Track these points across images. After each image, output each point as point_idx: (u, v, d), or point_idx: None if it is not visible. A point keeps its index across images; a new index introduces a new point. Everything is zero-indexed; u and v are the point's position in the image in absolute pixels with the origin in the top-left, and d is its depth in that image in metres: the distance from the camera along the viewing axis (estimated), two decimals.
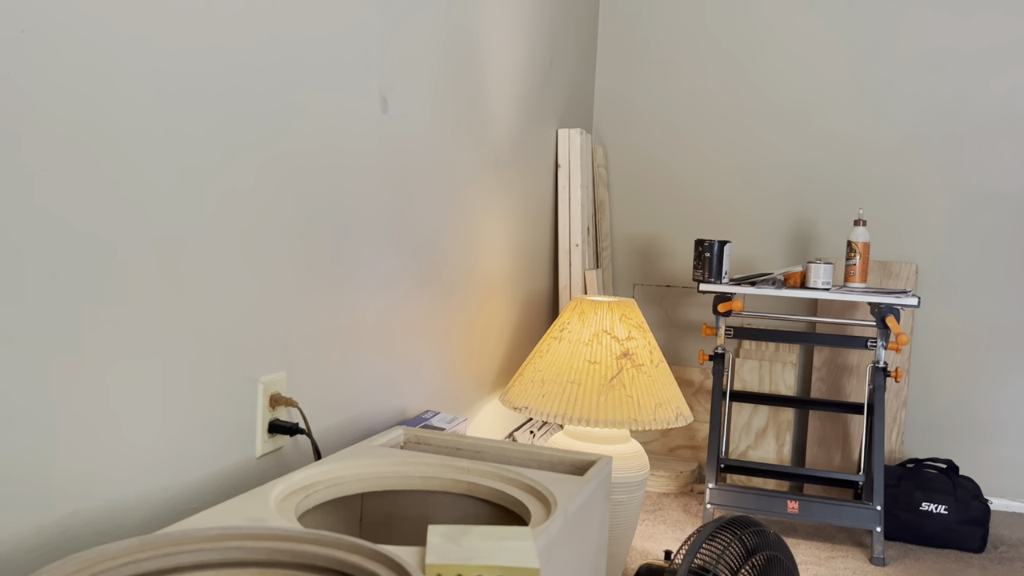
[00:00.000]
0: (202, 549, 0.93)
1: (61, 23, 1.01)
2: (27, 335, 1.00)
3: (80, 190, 1.06)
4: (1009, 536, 2.72)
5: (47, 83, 1.00)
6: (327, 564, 0.94)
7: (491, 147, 2.38)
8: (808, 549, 2.50)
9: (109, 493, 1.13)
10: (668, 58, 3.31)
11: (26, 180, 0.99)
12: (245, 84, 1.34)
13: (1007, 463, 3.00)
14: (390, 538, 1.41)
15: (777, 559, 1.48)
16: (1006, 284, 3.00)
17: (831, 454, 3.03)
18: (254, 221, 1.38)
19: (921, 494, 2.58)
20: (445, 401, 2.18)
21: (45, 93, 1.00)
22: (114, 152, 1.10)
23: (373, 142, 1.74)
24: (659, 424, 2.07)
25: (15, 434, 1.00)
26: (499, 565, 0.94)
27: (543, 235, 2.87)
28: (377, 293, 1.80)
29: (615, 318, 2.17)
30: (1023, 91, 2.96)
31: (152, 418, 1.20)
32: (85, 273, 1.08)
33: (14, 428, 1.00)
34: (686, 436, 3.21)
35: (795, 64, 3.18)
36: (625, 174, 3.38)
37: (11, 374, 0.99)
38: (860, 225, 2.68)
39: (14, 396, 0.99)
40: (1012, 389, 2.99)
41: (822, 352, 3.07)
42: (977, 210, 3.02)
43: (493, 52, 2.34)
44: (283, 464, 1.50)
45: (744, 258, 3.26)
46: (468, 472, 1.35)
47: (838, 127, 3.14)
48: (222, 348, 1.33)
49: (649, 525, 2.62)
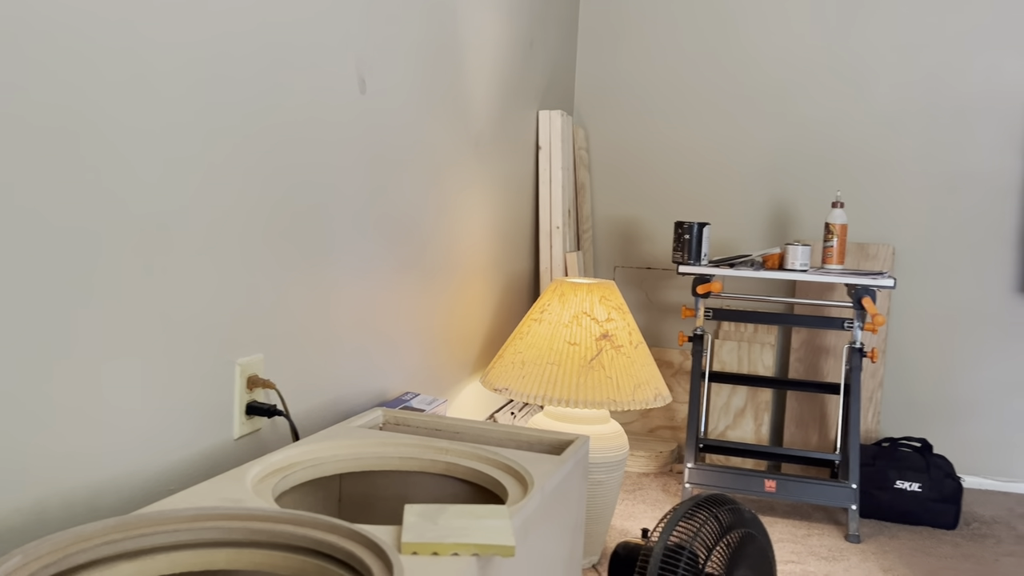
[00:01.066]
0: (178, 530, 0.94)
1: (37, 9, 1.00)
2: (2, 319, 1.00)
3: (58, 174, 1.05)
4: (981, 513, 2.77)
5: (25, 67, 0.99)
6: (304, 543, 0.95)
7: (471, 128, 2.38)
8: (785, 527, 2.54)
9: (85, 475, 1.13)
10: (649, 41, 3.31)
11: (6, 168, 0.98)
12: (224, 65, 1.33)
13: (980, 442, 3.05)
14: (368, 518, 1.42)
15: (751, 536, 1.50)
16: (981, 265, 3.04)
17: (808, 434, 3.06)
18: (232, 204, 1.38)
19: (896, 472, 2.62)
20: (425, 383, 2.19)
21: (22, 79, 0.99)
22: (94, 137, 1.09)
23: (352, 123, 1.74)
24: (638, 405, 2.09)
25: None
26: (474, 543, 0.95)
27: (524, 217, 2.87)
28: (357, 275, 1.80)
29: (595, 300, 2.19)
30: (999, 73, 2.99)
31: (129, 400, 1.19)
32: (60, 257, 1.07)
33: None
34: (666, 417, 3.24)
35: (775, 47, 3.19)
36: (606, 156, 3.39)
37: None
38: (838, 207, 2.70)
39: None
40: (985, 369, 3.04)
41: (800, 333, 3.10)
42: (953, 192, 3.05)
43: (473, 33, 2.33)
44: (261, 446, 1.51)
45: (723, 240, 3.28)
46: (446, 452, 1.36)
47: (817, 110, 3.16)
48: (199, 330, 1.32)
49: (629, 504, 2.65)
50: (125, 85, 1.15)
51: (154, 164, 1.21)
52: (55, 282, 1.07)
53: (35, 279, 1.04)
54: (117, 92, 1.14)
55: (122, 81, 1.14)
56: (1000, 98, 2.99)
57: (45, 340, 1.06)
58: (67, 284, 1.08)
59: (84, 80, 1.09)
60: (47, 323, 1.06)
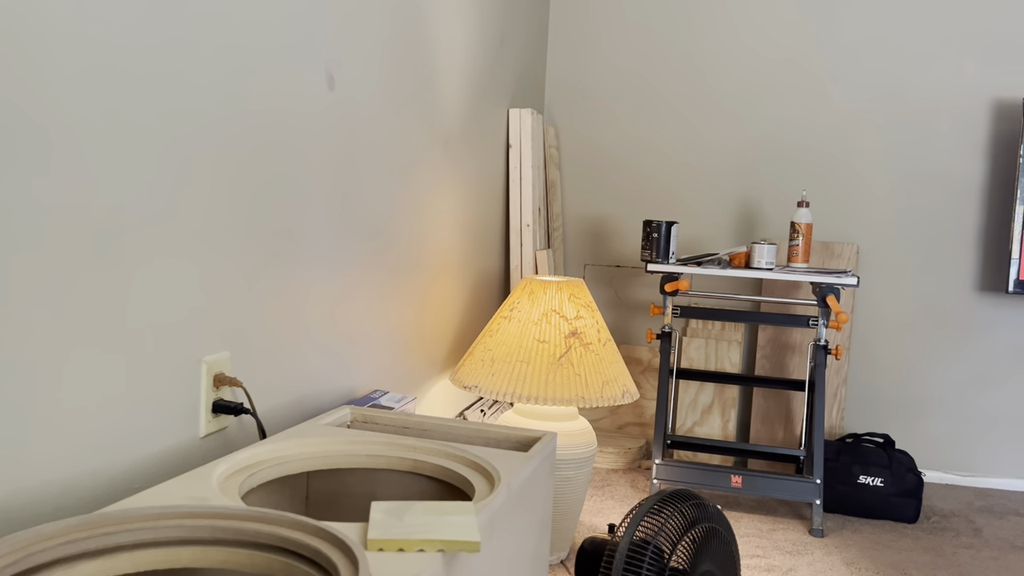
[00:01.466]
0: (142, 528, 0.93)
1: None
2: None
3: (19, 169, 1.04)
4: (941, 507, 2.83)
5: None
6: (270, 541, 0.95)
7: (441, 126, 2.38)
8: (751, 522, 2.58)
9: (48, 474, 1.12)
10: (619, 40, 3.33)
11: None
12: (190, 61, 1.32)
13: (940, 437, 3.12)
14: (336, 516, 1.42)
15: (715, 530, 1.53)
16: (943, 264, 3.10)
17: (774, 430, 3.11)
18: (198, 200, 1.37)
19: (859, 468, 2.67)
20: (395, 381, 2.19)
21: None
22: (54, 128, 1.08)
23: (320, 119, 1.73)
24: (606, 401, 2.11)
25: None
26: (440, 539, 0.96)
27: (494, 215, 2.88)
28: (325, 272, 1.80)
29: (564, 298, 2.20)
30: (960, 76, 3.05)
31: (92, 398, 1.18)
32: (16, 252, 1.06)
33: None
34: (634, 413, 3.26)
35: (742, 47, 3.22)
36: (576, 155, 3.40)
37: None
38: (803, 207, 2.74)
39: None
40: (946, 366, 3.10)
41: (766, 331, 3.14)
42: (916, 192, 3.11)
43: (443, 30, 2.33)
44: (228, 444, 1.50)
45: (691, 238, 3.31)
46: (414, 450, 1.36)
47: (783, 110, 3.20)
48: (164, 328, 1.31)
49: (597, 500, 2.67)
50: (83, 75, 1.14)
51: (115, 158, 1.20)
52: (14, 278, 1.06)
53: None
54: (74, 82, 1.13)
55: (80, 71, 1.13)
56: (961, 101, 3.05)
57: (7, 337, 1.05)
58: (21, 280, 1.07)
59: (39, 69, 1.07)
60: (8, 320, 1.05)
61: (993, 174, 3.05)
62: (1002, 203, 3.04)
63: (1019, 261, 2.87)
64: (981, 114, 3.04)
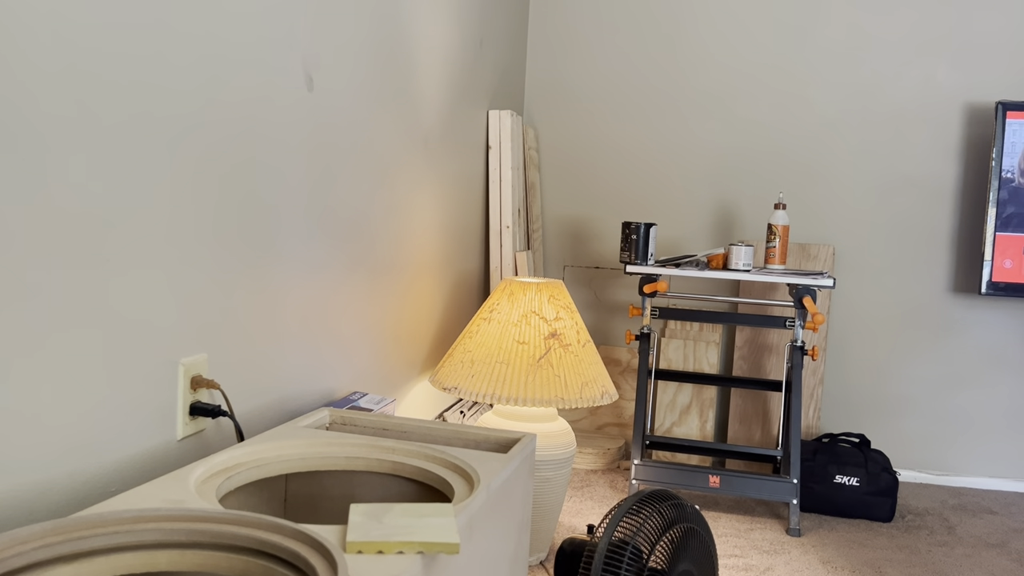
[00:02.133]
0: (118, 532, 0.93)
1: None
2: None
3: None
4: (916, 506, 2.87)
5: None
6: (247, 544, 0.94)
7: (420, 128, 2.38)
8: (729, 522, 2.60)
9: (21, 478, 1.11)
10: (598, 41, 3.35)
11: None
12: (162, 61, 1.31)
13: (915, 437, 3.15)
14: (315, 518, 1.42)
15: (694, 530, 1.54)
16: (917, 266, 3.14)
17: (752, 430, 3.13)
18: (173, 200, 1.36)
19: (835, 467, 2.70)
20: (374, 382, 2.18)
21: None
22: (26, 134, 1.07)
23: (298, 120, 1.72)
24: (585, 402, 2.12)
25: None
26: (419, 541, 0.96)
27: (474, 217, 2.88)
28: (303, 274, 1.79)
29: (544, 299, 2.20)
30: (933, 81, 3.09)
31: (67, 401, 1.17)
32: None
33: None
34: (614, 414, 3.28)
35: (720, 50, 3.25)
36: (556, 156, 3.41)
37: None
38: (780, 208, 2.77)
39: None
40: (921, 367, 3.14)
41: (743, 332, 3.16)
42: (891, 194, 3.15)
43: (422, 31, 2.33)
44: (205, 447, 1.49)
45: (670, 240, 3.33)
46: (393, 452, 1.36)
47: (760, 112, 3.23)
48: (140, 329, 1.30)
49: (577, 501, 2.68)
50: (57, 75, 1.13)
51: (88, 160, 1.19)
52: None
53: None
54: (48, 85, 1.12)
55: (54, 70, 1.12)
56: (935, 105, 3.10)
57: None
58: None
59: (12, 75, 1.06)
60: None
61: (966, 177, 3.09)
62: (975, 205, 3.09)
63: (991, 263, 2.91)
64: (954, 118, 3.08)
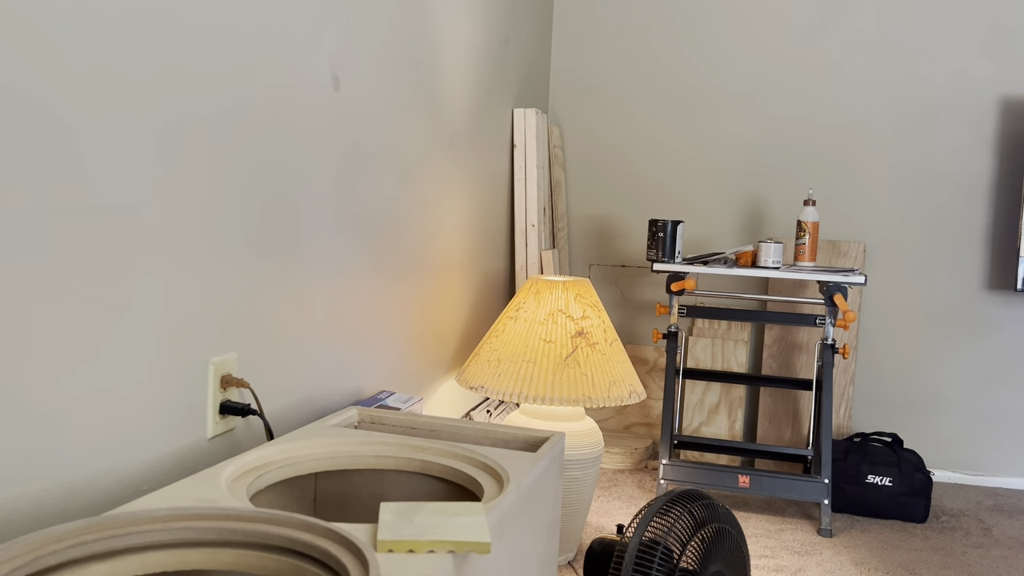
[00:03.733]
0: (151, 530, 0.93)
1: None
2: None
3: (23, 171, 1.03)
4: (951, 506, 2.82)
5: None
6: (279, 543, 0.94)
7: (446, 127, 2.37)
8: (759, 522, 2.57)
9: (56, 476, 1.12)
10: (623, 39, 3.32)
11: None
12: (191, 63, 1.32)
13: (949, 436, 3.10)
14: (344, 517, 1.41)
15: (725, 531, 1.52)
16: (951, 262, 3.08)
17: (781, 429, 3.09)
18: (204, 201, 1.36)
19: (867, 467, 2.66)
20: (401, 381, 2.18)
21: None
22: (58, 137, 1.08)
23: (325, 120, 1.73)
24: (613, 401, 2.10)
25: None
26: (450, 540, 0.95)
27: (499, 215, 2.88)
28: (331, 273, 1.79)
29: (570, 298, 2.19)
30: (966, 74, 3.04)
31: (101, 400, 1.18)
32: (21, 254, 1.05)
33: None
34: (641, 413, 3.25)
35: (748, 46, 3.21)
36: (581, 154, 3.40)
37: None
38: (810, 205, 2.73)
39: None
40: (954, 364, 3.09)
41: (773, 330, 3.13)
42: (923, 190, 3.10)
43: (447, 30, 2.33)
44: (235, 445, 1.50)
45: (697, 238, 3.30)
46: (422, 450, 1.36)
47: (789, 108, 3.19)
48: (171, 329, 1.31)
49: (604, 501, 2.66)
50: (86, 75, 1.14)
51: (118, 160, 1.20)
52: (21, 281, 1.05)
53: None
54: (78, 82, 1.12)
55: (83, 70, 1.13)
56: (968, 98, 3.04)
57: (13, 343, 1.04)
58: (34, 284, 1.07)
59: (42, 67, 1.07)
60: (13, 325, 1.04)
61: (1000, 172, 3.03)
62: (1010, 201, 3.03)
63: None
64: (988, 111, 3.03)
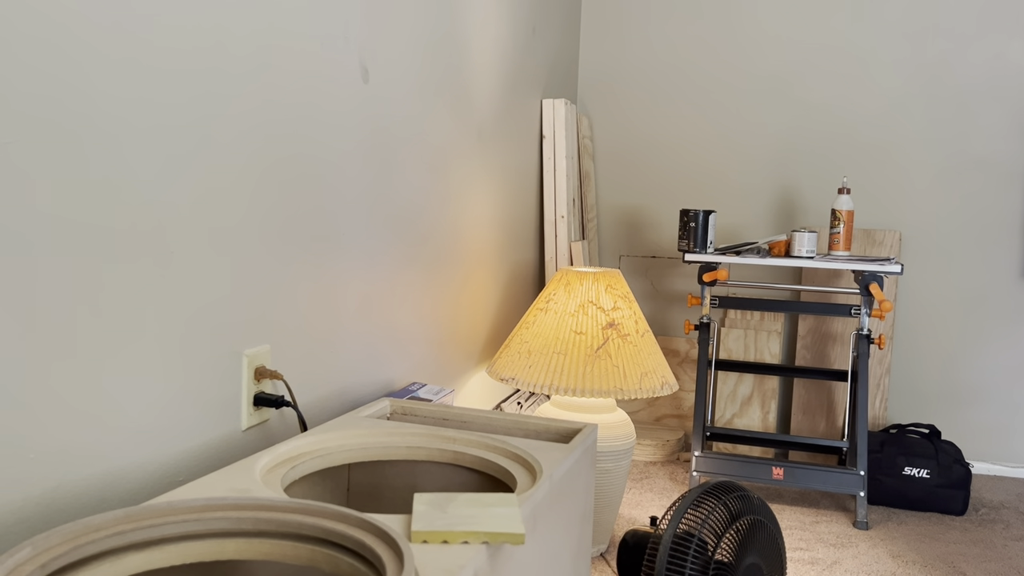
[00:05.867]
0: (187, 520, 0.94)
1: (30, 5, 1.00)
2: (10, 314, 0.99)
3: (62, 175, 1.04)
4: (990, 499, 2.77)
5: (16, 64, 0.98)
6: (313, 533, 0.94)
7: (475, 118, 2.37)
8: (793, 514, 2.54)
9: (94, 467, 1.13)
10: (652, 27, 3.29)
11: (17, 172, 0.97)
12: (223, 56, 1.32)
13: (988, 427, 3.04)
14: (377, 508, 1.42)
15: (761, 523, 1.50)
16: (987, 251, 3.02)
17: (815, 421, 3.06)
18: (236, 196, 1.37)
19: (904, 459, 2.62)
20: (432, 373, 2.19)
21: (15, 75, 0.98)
22: (93, 132, 1.09)
23: (354, 113, 1.73)
24: (644, 393, 2.09)
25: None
26: (484, 531, 0.95)
27: (528, 207, 2.87)
28: (361, 265, 1.80)
29: (600, 289, 2.18)
30: (1004, 57, 2.97)
31: (137, 392, 1.19)
32: (64, 252, 1.06)
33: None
34: (672, 405, 3.23)
35: (779, 32, 3.16)
36: (610, 145, 3.37)
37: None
38: (844, 193, 2.69)
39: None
40: (993, 355, 3.03)
41: (806, 320, 3.09)
42: (960, 177, 3.03)
43: (475, 20, 2.32)
44: (269, 437, 1.51)
45: (729, 227, 3.27)
46: (454, 441, 1.36)
47: (822, 95, 3.14)
48: (206, 321, 1.32)
49: (636, 493, 2.65)
50: (122, 77, 1.14)
51: (154, 158, 1.21)
52: (58, 276, 1.06)
53: (36, 275, 1.04)
54: (114, 83, 1.13)
55: (119, 73, 1.14)
56: (1005, 83, 2.97)
57: (56, 337, 1.06)
58: (71, 278, 1.08)
59: (80, 73, 1.08)
60: (54, 319, 1.06)
61: None
62: None
63: None
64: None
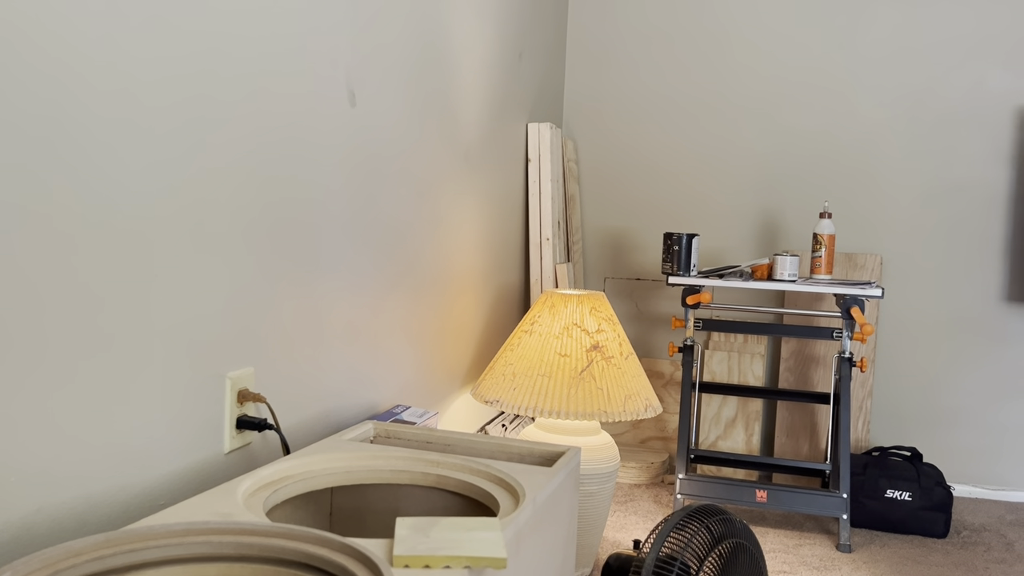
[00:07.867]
0: (168, 544, 0.93)
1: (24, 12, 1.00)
2: None
3: (42, 182, 1.05)
4: (971, 521, 2.78)
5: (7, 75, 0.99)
6: (295, 558, 0.94)
7: (461, 141, 2.39)
8: (776, 537, 2.54)
9: (74, 490, 1.12)
10: (637, 52, 3.33)
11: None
12: (211, 78, 1.33)
13: (969, 450, 3.07)
14: (360, 532, 1.41)
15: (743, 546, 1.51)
16: (969, 274, 3.06)
17: (799, 443, 3.07)
18: (221, 216, 1.38)
19: (886, 481, 2.63)
20: (417, 395, 2.18)
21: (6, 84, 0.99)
22: (74, 147, 1.09)
23: (341, 136, 1.74)
24: (629, 415, 2.09)
25: None
26: (466, 555, 0.95)
27: (514, 230, 2.88)
28: (347, 288, 1.80)
29: (585, 311, 2.19)
30: (985, 84, 3.02)
31: (118, 415, 1.19)
32: (44, 267, 1.07)
33: None
34: (657, 428, 3.24)
35: (762, 58, 3.21)
36: (595, 168, 3.40)
37: None
38: (826, 218, 2.72)
39: None
40: (973, 378, 3.06)
41: (789, 343, 3.11)
42: (940, 202, 3.08)
43: (462, 45, 2.34)
44: (252, 460, 1.50)
45: (712, 251, 3.29)
46: (438, 465, 1.36)
47: (804, 120, 3.18)
48: (188, 343, 1.32)
49: (620, 516, 2.64)
50: (109, 95, 1.15)
51: (137, 171, 1.21)
52: (27, 289, 1.06)
53: (15, 297, 1.04)
54: (101, 103, 1.14)
55: (107, 91, 1.15)
56: (985, 109, 3.03)
57: (32, 358, 1.05)
58: (43, 293, 1.08)
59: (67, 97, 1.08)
60: (30, 338, 1.05)
61: (1019, 183, 3.01)
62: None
63: None
64: (1006, 122, 3.01)
